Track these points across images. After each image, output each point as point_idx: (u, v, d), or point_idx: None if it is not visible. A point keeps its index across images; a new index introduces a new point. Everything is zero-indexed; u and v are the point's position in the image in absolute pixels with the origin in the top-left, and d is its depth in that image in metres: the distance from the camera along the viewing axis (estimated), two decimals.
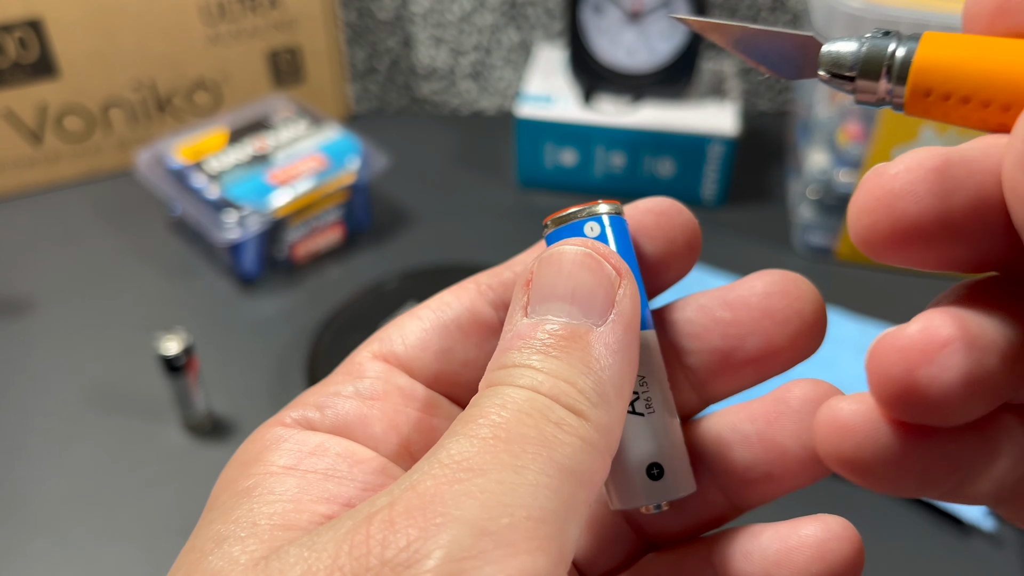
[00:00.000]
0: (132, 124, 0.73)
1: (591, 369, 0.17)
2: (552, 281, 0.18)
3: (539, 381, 0.17)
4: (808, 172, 0.65)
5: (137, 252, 0.66)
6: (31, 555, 0.47)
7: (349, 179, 0.64)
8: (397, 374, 0.21)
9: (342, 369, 0.21)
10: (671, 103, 0.69)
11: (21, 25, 0.66)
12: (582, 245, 0.19)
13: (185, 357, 0.50)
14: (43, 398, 0.55)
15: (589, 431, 0.17)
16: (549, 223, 0.21)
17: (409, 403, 0.21)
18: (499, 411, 0.17)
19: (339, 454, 0.19)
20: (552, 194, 0.72)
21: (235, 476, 0.19)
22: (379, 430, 0.20)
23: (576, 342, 0.18)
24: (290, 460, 0.19)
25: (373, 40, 0.80)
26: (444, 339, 0.22)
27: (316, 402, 0.20)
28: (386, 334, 0.22)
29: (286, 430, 0.20)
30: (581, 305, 0.18)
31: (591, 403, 0.17)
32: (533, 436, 0.16)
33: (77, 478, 0.50)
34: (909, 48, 0.16)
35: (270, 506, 0.18)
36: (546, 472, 0.16)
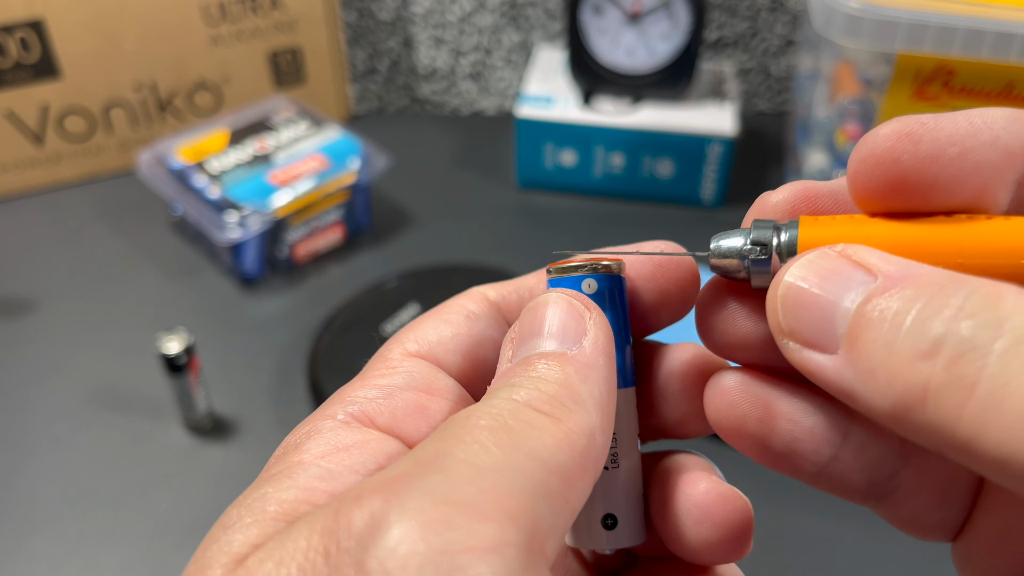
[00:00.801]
0: (133, 125, 0.73)
1: (567, 383, 0.18)
2: (529, 326, 0.20)
3: (515, 392, 0.18)
4: (807, 172, 0.65)
5: (138, 252, 0.67)
6: (32, 554, 0.47)
7: (350, 179, 0.65)
8: (443, 374, 0.22)
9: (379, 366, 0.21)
10: (670, 104, 0.70)
11: (23, 26, 0.66)
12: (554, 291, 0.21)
13: (186, 357, 0.50)
14: (44, 397, 0.55)
15: (562, 431, 0.17)
16: (552, 270, 0.22)
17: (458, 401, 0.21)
18: (477, 418, 0.17)
19: (377, 453, 0.19)
20: (552, 194, 0.72)
21: (276, 460, 0.19)
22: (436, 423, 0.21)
23: (553, 360, 0.19)
24: (324, 450, 0.19)
25: (374, 41, 0.80)
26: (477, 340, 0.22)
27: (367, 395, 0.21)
28: (416, 335, 0.22)
29: (333, 422, 0.20)
30: (556, 336, 0.20)
31: (566, 409, 0.18)
32: (501, 427, 0.17)
33: (78, 477, 0.51)
34: (791, 234, 0.19)
35: (285, 492, 0.18)
36: (514, 455, 0.16)
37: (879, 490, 0.20)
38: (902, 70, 0.56)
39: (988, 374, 0.14)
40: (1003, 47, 0.52)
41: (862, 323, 0.16)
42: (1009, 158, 0.17)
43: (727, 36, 0.79)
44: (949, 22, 0.52)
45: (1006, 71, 0.54)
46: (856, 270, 0.17)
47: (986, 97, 0.56)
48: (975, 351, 0.14)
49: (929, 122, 0.17)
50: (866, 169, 0.18)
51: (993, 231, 0.17)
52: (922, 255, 0.17)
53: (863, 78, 0.60)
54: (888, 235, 0.18)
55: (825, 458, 0.20)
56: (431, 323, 0.22)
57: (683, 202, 0.71)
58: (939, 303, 0.15)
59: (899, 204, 0.18)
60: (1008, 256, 0.17)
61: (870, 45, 0.54)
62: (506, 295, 0.23)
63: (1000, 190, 0.17)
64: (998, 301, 0.14)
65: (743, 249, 0.19)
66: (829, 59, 0.62)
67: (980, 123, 0.17)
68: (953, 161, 0.17)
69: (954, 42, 0.53)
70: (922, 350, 0.14)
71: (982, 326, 0.14)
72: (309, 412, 0.54)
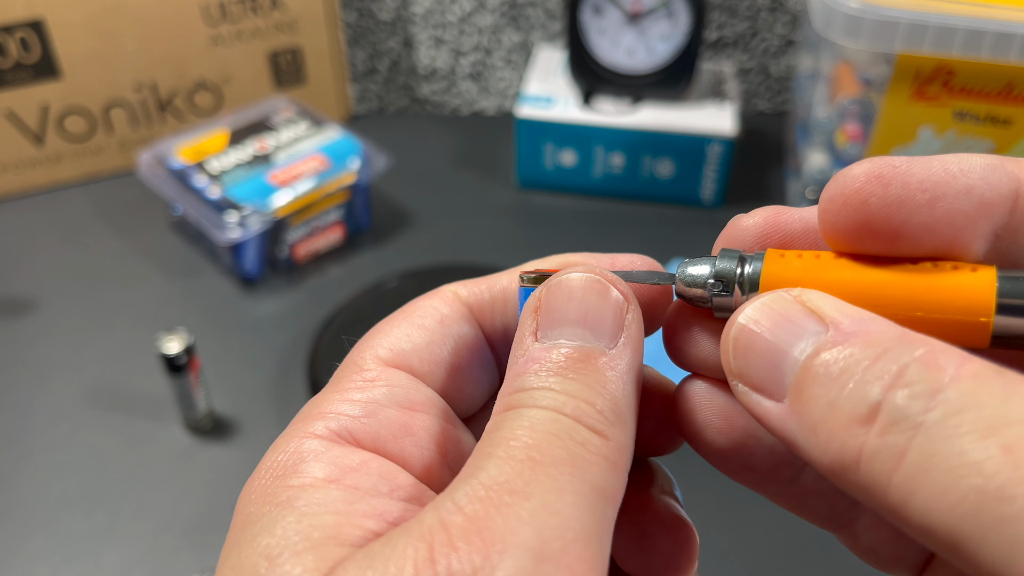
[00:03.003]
0: (133, 125, 0.73)
1: (607, 390, 0.18)
2: (562, 306, 0.19)
3: (561, 402, 0.18)
4: (807, 172, 0.65)
5: (139, 252, 0.67)
6: (32, 554, 0.47)
7: (350, 179, 0.65)
8: (422, 385, 0.21)
9: (354, 376, 0.21)
10: (670, 104, 0.70)
11: (23, 26, 0.66)
12: (590, 271, 0.19)
13: (186, 357, 0.50)
14: (45, 397, 0.55)
15: (611, 450, 0.17)
16: (524, 278, 0.21)
17: (440, 415, 0.21)
18: (528, 433, 0.17)
19: (381, 475, 0.19)
20: (552, 194, 0.72)
21: (269, 489, 0.18)
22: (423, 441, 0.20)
23: (591, 364, 0.18)
24: (331, 473, 0.18)
25: (374, 41, 0.80)
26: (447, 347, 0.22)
27: (349, 411, 0.20)
28: (388, 340, 0.21)
29: (320, 443, 0.19)
30: (592, 328, 0.19)
31: (610, 423, 0.18)
32: (565, 457, 0.17)
33: (78, 477, 0.51)
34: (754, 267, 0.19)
35: (318, 518, 0.17)
36: (582, 493, 0.16)
37: (840, 518, 0.20)
38: (902, 70, 0.56)
39: (917, 444, 0.14)
40: (1003, 47, 0.52)
41: (808, 377, 0.16)
42: (985, 209, 0.17)
43: (727, 36, 0.79)
44: (949, 22, 0.52)
45: (1006, 71, 0.54)
46: (809, 318, 0.17)
47: (986, 97, 0.56)
48: (906, 421, 0.14)
49: (902, 165, 0.17)
50: (834, 208, 0.17)
51: (953, 286, 0.17)
52: (880, 305, 0.17)
53: (863, 78, 0.60)
54: (849, 281, 0.18)
55: (784, 479, 0.20)
56: (403, 328, 0.21)
57: (683, 202, 0.71)
58: (881, 368, 0.15)
59: (867, 246, 0.18)
60: (965, 313, 0.17)
61: (870, 45, 0.54)
62: (478, 294, 0.22)
63: (974, 240, 0.17)
64: (937, 371, 0.14)
65: (706, 281, 0.19)
66: (829, 59, 0.62)
67: (956, 170, 0.17)
68: (922, 207, 0.17)
69: (954, 42, 0.53)
70: (860, 415, 0.15)
71: (917, 396, 0.14)
72: None
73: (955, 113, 0.57)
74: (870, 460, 0.15)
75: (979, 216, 0.17)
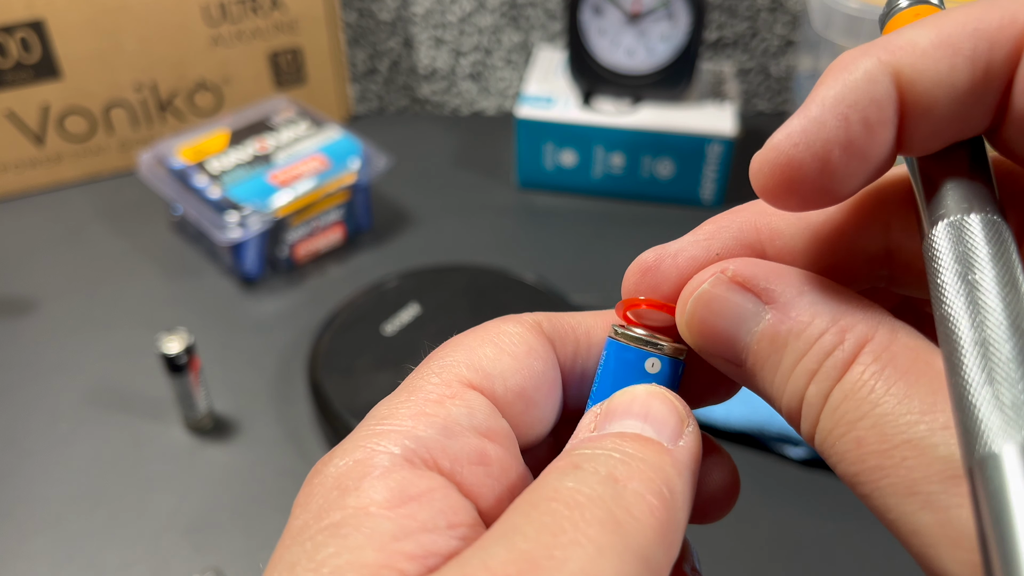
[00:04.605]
0: (134, 125, 0.73)
1: (664, 470, 0.18)
2: (626, 405, 0.19)
3: (611, 465, 0.18)
4: None
5: (139, 252, 0.67)
6: (33, 554, 0.47)
7: (350, 179, 0.65)
8: (498, 414, 0.20)
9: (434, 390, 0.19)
10: (670, 104, 0.70)
11: (23, 26, 0.66)
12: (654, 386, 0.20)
13: (187, 356, 0.50)
14: (45, 397, 0.55)
15: (659, 521, 0.17)
16: (619, 332, 0.21)
17: (511, 447, 0.20)
18: (573, 493, 0.17)
19: (442, 508, 0.17)
20: (552, 194, 0.72)
21: (327, 501, 0.17)
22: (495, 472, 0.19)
23: (650, 447, 0.18)
24: (391, 498, 0.17)
25: (374, 41, 0.80)
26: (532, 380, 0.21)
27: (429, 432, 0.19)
28: (476, 362, 0.20)
29: (391, 458, 0.18)
30: (654, 424, 0.19)
31: (661, 495, 0.17)
32: (607, 520, 0.16)
33: (79, 477, 0.51)
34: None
35: (360, 553, 0.16)
36: (623, 559, 0.16)
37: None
38: None
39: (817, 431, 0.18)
40: None
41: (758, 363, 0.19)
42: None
43: (727, 36, 0.79)
44: None
45: None
46: (747, 300, 0.19)
47: None
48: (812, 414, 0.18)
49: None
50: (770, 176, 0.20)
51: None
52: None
53: None
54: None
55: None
56: (488, 349, 0.20)
57: (683, 202, 0.71)
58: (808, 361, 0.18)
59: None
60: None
61: None
62: (562, 331, 0.22)
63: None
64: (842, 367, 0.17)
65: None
66: (829, 59, 0.62)
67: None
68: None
69: None
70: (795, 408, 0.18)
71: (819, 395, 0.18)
72: (309, 412, 0.55)
73: None
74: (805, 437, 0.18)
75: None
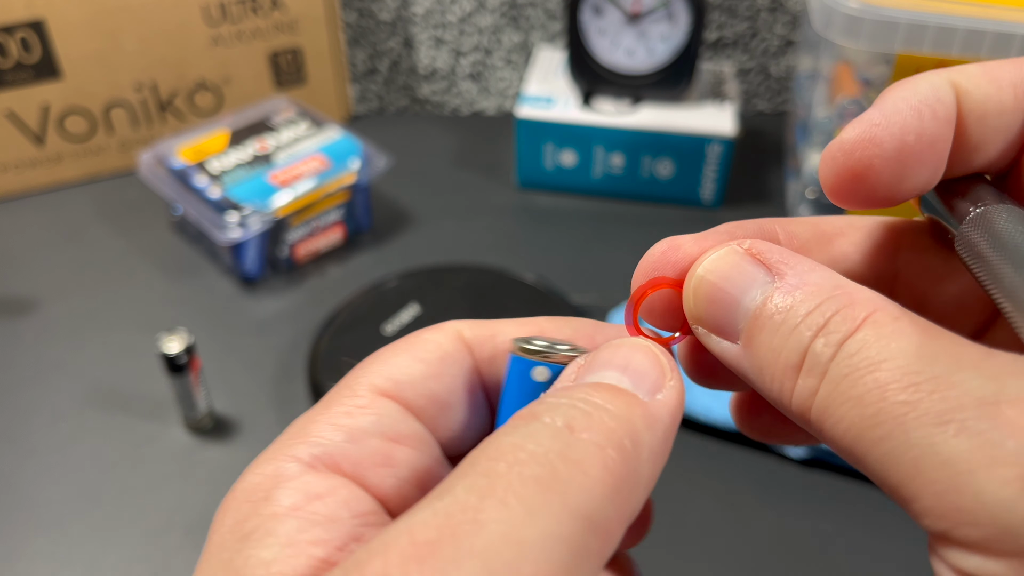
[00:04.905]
0: (134, 125, 0.73)
1: (631, 421, 0.17)
2: (608, 357, 0.19)
3: (570, 416, 0.17)
4: (807, 173, 0.65)
5: (139, 252, 0.67)
6: (33, 554, 0.47)
7: (350, 179, 0.65)
8: (411, 418, 0.21)
9: (345, 401, 0.20)
10: (670, 104, 0.70)
11: (23, 26, 0.66)
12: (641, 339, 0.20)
13: (187, 357, 0.50)
14: (45, 397, 0.55)
15: (612, 475, 0.16)
16: (519, 346, 0.21)
17: (426, 451, 0.20)
18: (515, 450, 0.16)
19: (346, 501, 0.18)
20: (552, 194, 0.72)
21: (240, 516, 0.18)
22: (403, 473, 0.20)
23: (622, 398, 0.18)
24: (296, 501, 0.18)
25: (374, 41, 0.80)
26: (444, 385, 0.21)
27: (332, 438, 0.19)
28: (386, 370, 0.21)
29: (298, 466, 0.19)
30: (633, 376, 0.19)
31: (621, 445, 0.17)
32: (546, 477, 0.15)
33: (79, 477, 0.51)
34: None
35: (268, 550, 0.17)
36: (558, 519, 0.15)
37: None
38: (901, 70, 0.56)
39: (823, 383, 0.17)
40: (1002, 47, 0.52)
41: (756, 326, 0.18)
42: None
43: (727, 36, 0.79)
44: (948, 22, 0.52)
45: None
46: (758, 269, 0.19)
47: None
48: (818, 367, 0.17)
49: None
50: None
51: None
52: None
53: (862, 78, 0.60)
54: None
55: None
56: (403, 359, 0.21)
57: (683, 202, 0.71)
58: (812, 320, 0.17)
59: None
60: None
61: (869, 46, 0.54)
62: (482, 339, 0.22)
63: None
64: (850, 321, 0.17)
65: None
66: (828, 59, 0.62)
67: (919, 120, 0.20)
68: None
69: (953, 42, 0.53)
70: (793, 363, 0.17)
71: (829, 344, 0.17)
72: None
73: None
74: (797, 399, 0.17)
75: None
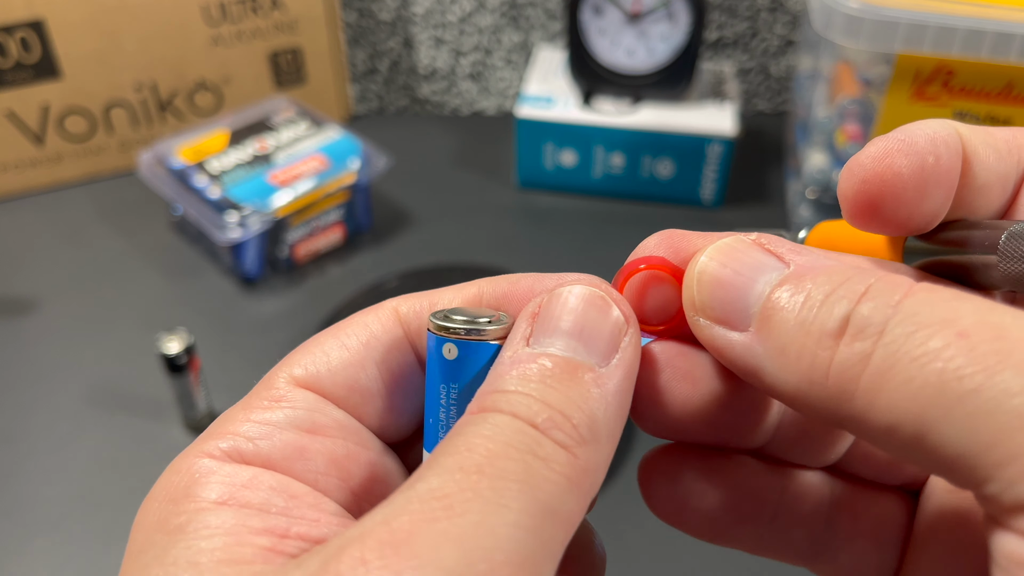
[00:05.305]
0: (134, 125, 0.73)
1: (587, 406, 0.17)
2: (558, 316, 0.18)
3: (534, 411, 0.17)
4: (807, 172, 0.65)
5: (139, 252, 0.67)
6: (32, 554, 0.47)
7: (350, 179, 0.65)
8: (330, 406, 0.20)
9: (263, 394, 0.20)
10: (670, 104, 0.70)
11: (23, 26, 0.66)
12: (595, 286, 0.19)
13: (186, 357, 0.50)
14: (45, 397, 0.55)
15: (575, 469, 0.16)
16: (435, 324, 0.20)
17: (349, 438, 0.20)
18: (486, 442, 0.16)
19: (273, 488, 0.18)
20: (552, 194, 0.72)
21: (163, 514, 0.18)
22: (319, 465, 0.19)
23: (576, 376, 0.17)
24: (222, 493, 0.18)
25: (374, 41, 0.80)
26: (369, 370, 0.21)
27: (245, 432, 0.19)
28: (307, 360, 0.21)
29: (213, 462, 0.18)
30: (585, 343, 0.18)
31: (581, 439, 0.17)
32: (518, 472, 0.16)
33: (79, 477, 0.51)
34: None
35: (209, 540, 0.17)
36: (528, 512, 0.15)
37: (819, 543, 0.21)
38: (902, 70, 0.56)
39: (882, 345, 0.15)
40: (1003, 47, 0.52)
41: (776, 304, 0.17)
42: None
43: (727, 36, 0.79)
44: (949, 22, 0.52)
45: (1006, 71, 0.54)
46: (769, 257, 0.18)
47: (986, 97, 0.56)
48: (872, 327, 0.15)
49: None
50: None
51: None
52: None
53: (863, 78, 0.60)
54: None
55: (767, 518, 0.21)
56: (324, 347, 0.21)
57: (683, 202, 0.71)
58: (847, 288, 0.16)
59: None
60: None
61: (870, 45, 0.54)
62: (419, 312, 0.22)
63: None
64: (895, 288, 0.16)
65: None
66: (829, 59, 0.62)
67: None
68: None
69: (954, 42, 0.53)
70: (831, 329, 0.16)
71: (880, 307, 0.15)
72: None
73: (955, 113, 0.57)
74: (839, 369, 0.16)
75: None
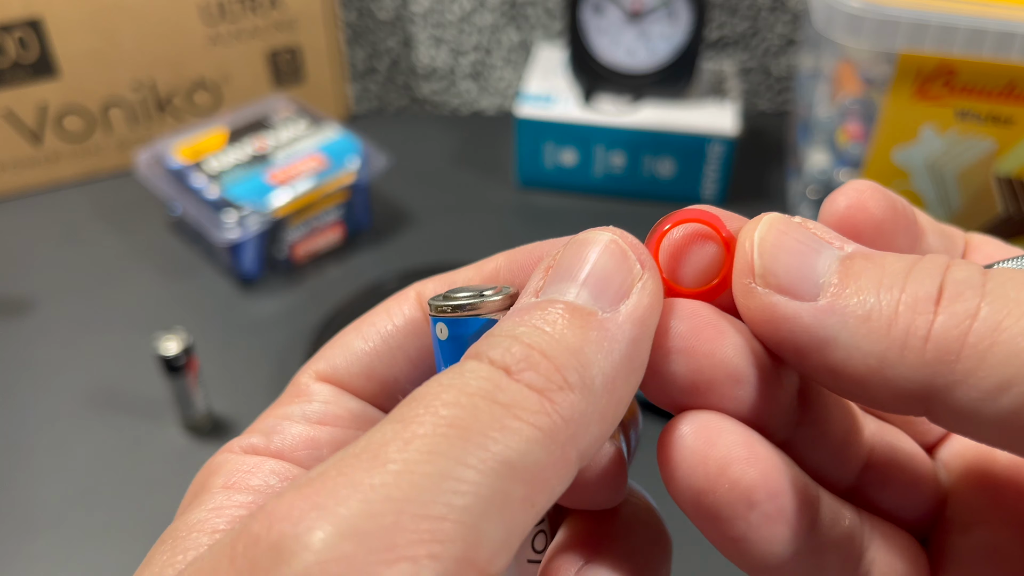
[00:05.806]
0: (132, 124, 0.73)
1: (580, 350, 0.15)
2: (571, 263, 0.17)
3: (511, 353, 0.15)
4: (808, 172, 0.65)
5: (137, 252, 0.66)
6: (32, 555, 0.47)
7: (349, 179, 0.64)
8: (346, 397, 0.21)
9: (289, 391, 0.21)
10: (671, 103, 0.70)
11: (21, 25, 0.66)
12: (612, 232, 0.17)
13: (185, 357, 0.50)
14: (43, 398, 0.55)
15: (548, 419, 0.14)
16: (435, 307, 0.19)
17: (361, 426, 0.21)
18: (441, 391, 0.15)
19: (273, 471, 0.19)
20: (552, 194, 0.72)
21: (186, 502, 0.20)
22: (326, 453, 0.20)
23: (575, 319, 0.16)
24: (228, 479, 0.19)
25: (373, 40, 0.80)
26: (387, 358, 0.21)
27: (264, 428, 0.20)
28: (330, 353, 0.21)
29: (232, 455, 0.20)
30: (592, 288, 0.16)
31: (564, 384, 0.15)
32: (464, 419, 0.14)
33: (77, 478, 0.50)
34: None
35: (195, 514, 0.18)
36: (465, 463, 0.14)
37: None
38: (903, 69, 0.55)
39: (988, 303, 0.15)
40: (1005, 46, 0.52)
41: (858, 269, 0.16)
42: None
43: (728, 35, 0.79)
44: (950, 21, 0.52)
45: (1007, 70, 0.54)
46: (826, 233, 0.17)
47: (988, 96, 0.56)
48: (973, 288, 0.15)
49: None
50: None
51: None
52: None
53: (864, 77, 0.60)
54: None
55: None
56: (347, 338, 0.21)
57: (684, 201, 0.71)
58: (929, 262, 0.16)
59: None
60: None
61: (871, 44, 0.54)
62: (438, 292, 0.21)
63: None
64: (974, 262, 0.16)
65: None
66: (830, 58, 0.62)
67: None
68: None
69: (955, 41, 0.53)
70: (925, 294, 0.15)
71: (974, 271, 0.15)
72: None
73: (957, 112, 0.57)
74: (942, 331, 0.15)
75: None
